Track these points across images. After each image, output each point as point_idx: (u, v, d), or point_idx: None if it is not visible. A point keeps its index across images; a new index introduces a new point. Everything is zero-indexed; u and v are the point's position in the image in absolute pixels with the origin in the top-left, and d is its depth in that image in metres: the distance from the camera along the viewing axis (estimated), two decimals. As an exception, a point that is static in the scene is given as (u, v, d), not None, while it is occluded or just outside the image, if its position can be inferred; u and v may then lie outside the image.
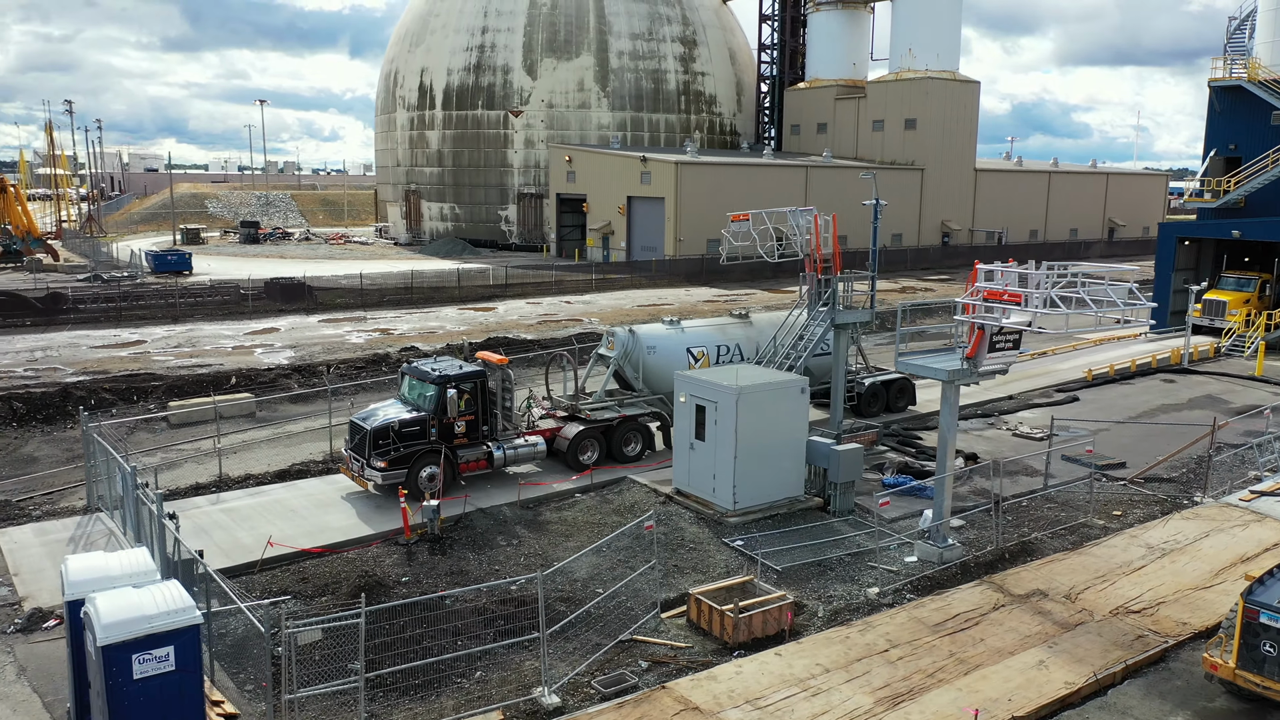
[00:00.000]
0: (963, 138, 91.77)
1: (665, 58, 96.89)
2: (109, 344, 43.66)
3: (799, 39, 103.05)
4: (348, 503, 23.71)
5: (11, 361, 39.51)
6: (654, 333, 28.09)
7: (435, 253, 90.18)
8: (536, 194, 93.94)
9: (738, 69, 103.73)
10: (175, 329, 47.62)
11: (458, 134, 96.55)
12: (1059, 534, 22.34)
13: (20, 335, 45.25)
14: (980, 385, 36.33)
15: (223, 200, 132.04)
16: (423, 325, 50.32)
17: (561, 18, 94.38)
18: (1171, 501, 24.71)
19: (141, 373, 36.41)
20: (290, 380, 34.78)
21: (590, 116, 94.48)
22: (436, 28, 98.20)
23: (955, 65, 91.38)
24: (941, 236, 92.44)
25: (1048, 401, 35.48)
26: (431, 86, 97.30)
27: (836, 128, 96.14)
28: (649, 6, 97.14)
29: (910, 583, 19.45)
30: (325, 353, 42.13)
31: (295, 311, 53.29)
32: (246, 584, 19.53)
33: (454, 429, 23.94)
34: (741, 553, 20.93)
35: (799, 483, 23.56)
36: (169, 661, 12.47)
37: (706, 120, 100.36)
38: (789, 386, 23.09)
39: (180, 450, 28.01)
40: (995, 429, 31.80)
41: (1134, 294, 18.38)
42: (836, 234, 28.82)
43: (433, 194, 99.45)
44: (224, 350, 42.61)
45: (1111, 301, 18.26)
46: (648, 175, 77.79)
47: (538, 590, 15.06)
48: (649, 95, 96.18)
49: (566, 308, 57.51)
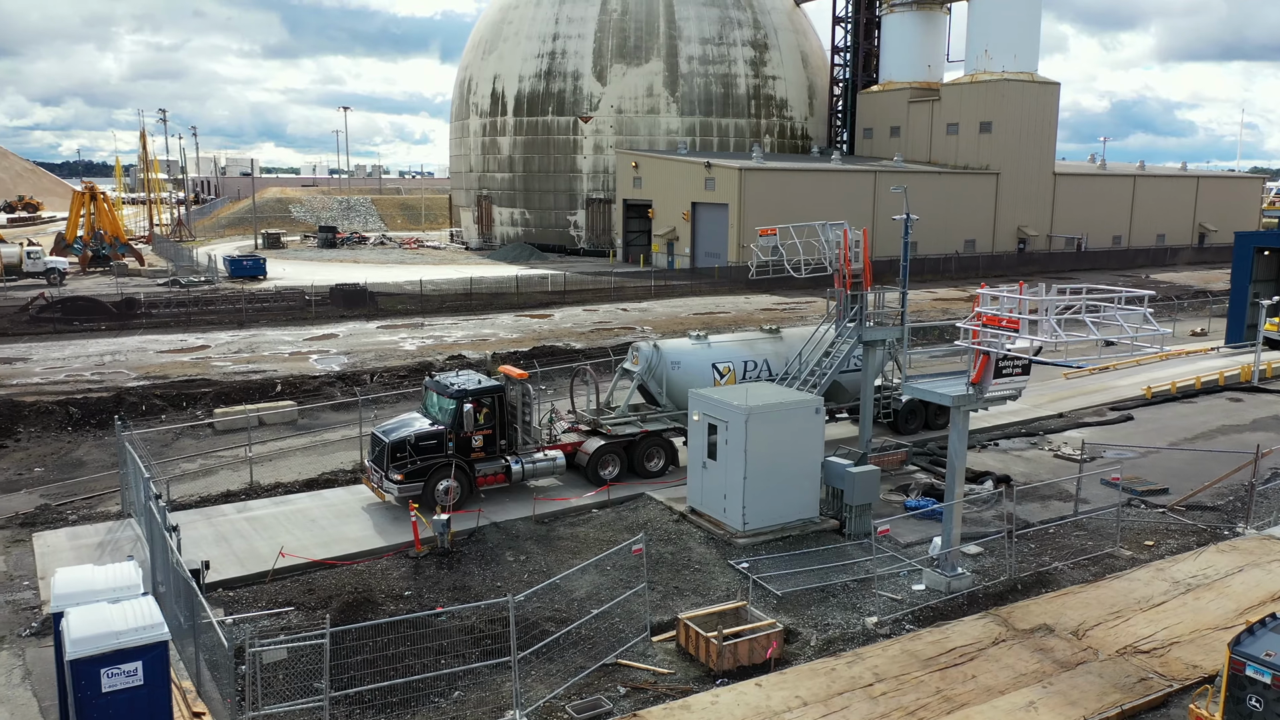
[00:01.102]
0: (1041, 141, 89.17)
1: (735, 62, 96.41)
2: (175, 349, 45.36)
3: (873, 41, 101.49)
4: (367, 514, 24.20)
5: (82, 365, 41.36)
6: (679, 348, 27.99)
7: (503, 257, 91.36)
8: (604, 199, 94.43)
9: (810, 72, 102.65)
10: (240, 334, 49.22)
11: (528, 140, 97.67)
12: (1081, 564, 21.55)
13: (95, 339, 47.31)
14: (1028, 402, 35.72)
15: (306, 205, 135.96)
16: (476, 333, 51.02)
17: (632, 23, 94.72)
18: (1210, 532, 23.62)
19: (197, 379, 37.72)
20: (334, 388, 35.62)
21: (659, 122, 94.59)
22: (509, 35, 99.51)
23: (1034, 66, 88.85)
24: (1017, 243, 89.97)
25: (1099, 420, 34.25)
26: (503, 93, 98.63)
27: (909, 131, 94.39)
28: (720, 11, 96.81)
29: (912, 612, 18.99)
30: (376, 360, 43.04)
31: (356, 317, 54.57)
32: (257, 593, 20.11)
33: (471, 443, 24.23)
34: (745, 575, 20.71)
35: (813, 504, 23.21)
36: (137, 676, 12.91)
37: (777, 124, 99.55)
38: (803, 407, 22.76)
39: (220, 457, 28.94)
40: (1038, 449, 30.81)
41: (1149, 320, 17.61)
42: (868, 248, 28.23)
43: (504, 199, 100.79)
44: (281, 356, 43.86)
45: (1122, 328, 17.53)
46: (712, 181, 77.53)
47: (509, 615, 15.14)
48: (718, 100, 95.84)
49: (622, 315, 57.66)
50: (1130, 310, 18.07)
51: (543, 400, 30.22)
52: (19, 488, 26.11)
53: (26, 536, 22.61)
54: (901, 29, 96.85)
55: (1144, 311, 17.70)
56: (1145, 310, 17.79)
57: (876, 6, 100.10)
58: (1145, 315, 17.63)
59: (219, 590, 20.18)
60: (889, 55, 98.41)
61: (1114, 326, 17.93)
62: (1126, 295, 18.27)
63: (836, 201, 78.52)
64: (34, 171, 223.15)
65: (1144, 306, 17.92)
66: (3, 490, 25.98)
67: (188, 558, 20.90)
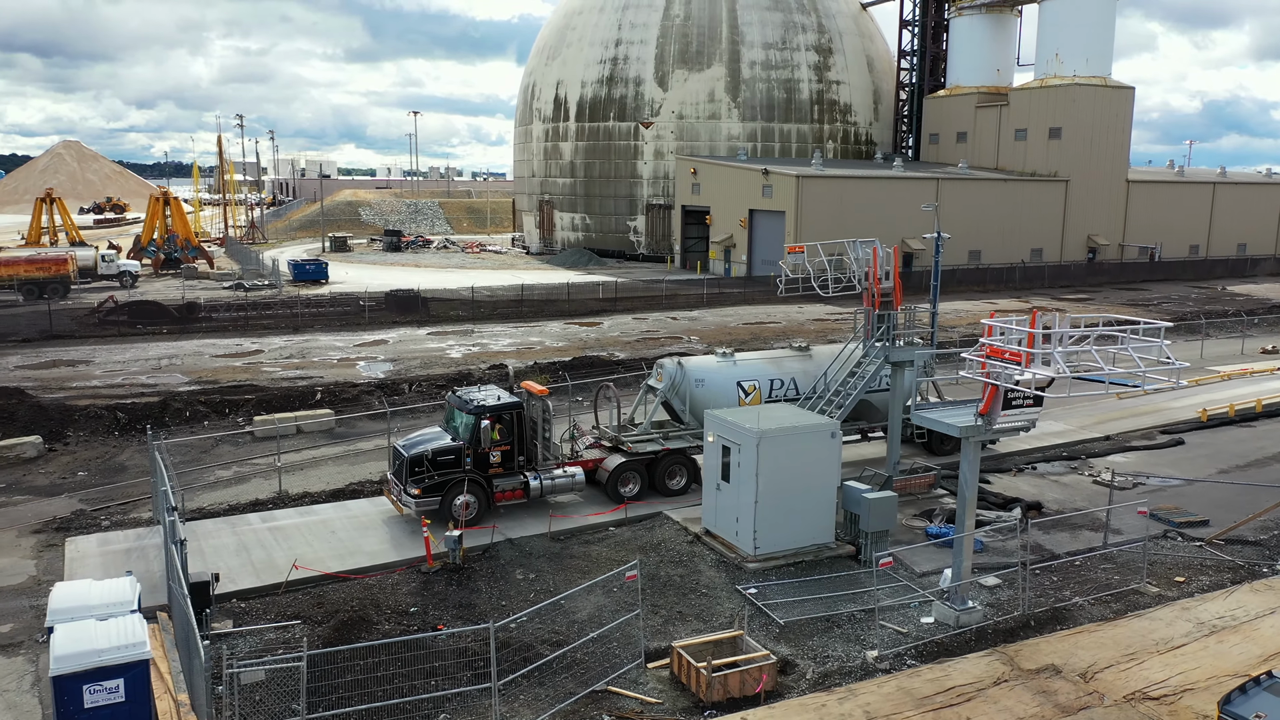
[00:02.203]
0: (1113, 147, 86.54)
1: (799, 66, 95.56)
2: (230, 353, 46.64)
3: (941, 45, 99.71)
4: (386, 527, 24.54)
5: (139, 368, 42.79)
6: (703, 365, 27.81)
7: (562, 263, 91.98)
8: (664, 205, 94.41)
9: (875, 77, 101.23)
10: (293, 339, 50.38)
11: (590, 145, 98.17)
12: (1103, 600, 20.82)
13: (156, 342, 48.90)
14: (1074, 423, 34.70)
15: (375, 208, 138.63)
16: (523, 341, 51.42)
17: (694, 29, 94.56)
18: (1248, 569, 22.62)
19: (245, 384, 38.73)
20: (372, 397, 36.22)
21: (720, 127, 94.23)
22: (572, 41, 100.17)
23: (1107, 70, 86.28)
24: (1087, 252, 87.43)
25: (1147, 445, 33.07)
26: (566, 99, 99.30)
27: (977, 137, 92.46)
28: (783, 15, 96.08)
29: (916, 647, 18.55)
30: (421, 367, 43.68)
31: (408, 323, 55.44)
32: (268, 605, 20.52)
33: (489, 459, 24.41)
34: (751, 602, 20.48)
35: (828, 530, 22.84)
36: (119, 693, 13.29)
37: (840, 130, 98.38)
38: (817, 431, 22.42)
39: (254, 465, 29.63)
40: (1077, 474, 29.85)
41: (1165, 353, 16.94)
42: (898, 266, 27.70)
43: (564, 204, 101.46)
44: (329, 362, 44.79)
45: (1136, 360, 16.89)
46: (769, 188, 76.95)
47: (490, 640, 15.20)
48: (780, 105, 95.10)
49: (671, 324, 57.57)
50: (1148, 342, 17.41)
51: (577, 412, 30.31)
52: (61, 492, 27.09)
53: (60, 541, 23.44)
54: (970, 32, 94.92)
55: (1161, 344, 17.01)
56: (1163, 342, 17.10)
57: (945, 10, 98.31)
58: (1162, 347, 16.94)
59: (233, 601, 20.66)
60: (957, 59, 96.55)
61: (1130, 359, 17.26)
62: (1145, 326, 17.59)
63: (897, 210, 77.36)
64: (121, 173, 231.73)
65: (1161, 339, 17.21)
66: (47, 494, 26.99)
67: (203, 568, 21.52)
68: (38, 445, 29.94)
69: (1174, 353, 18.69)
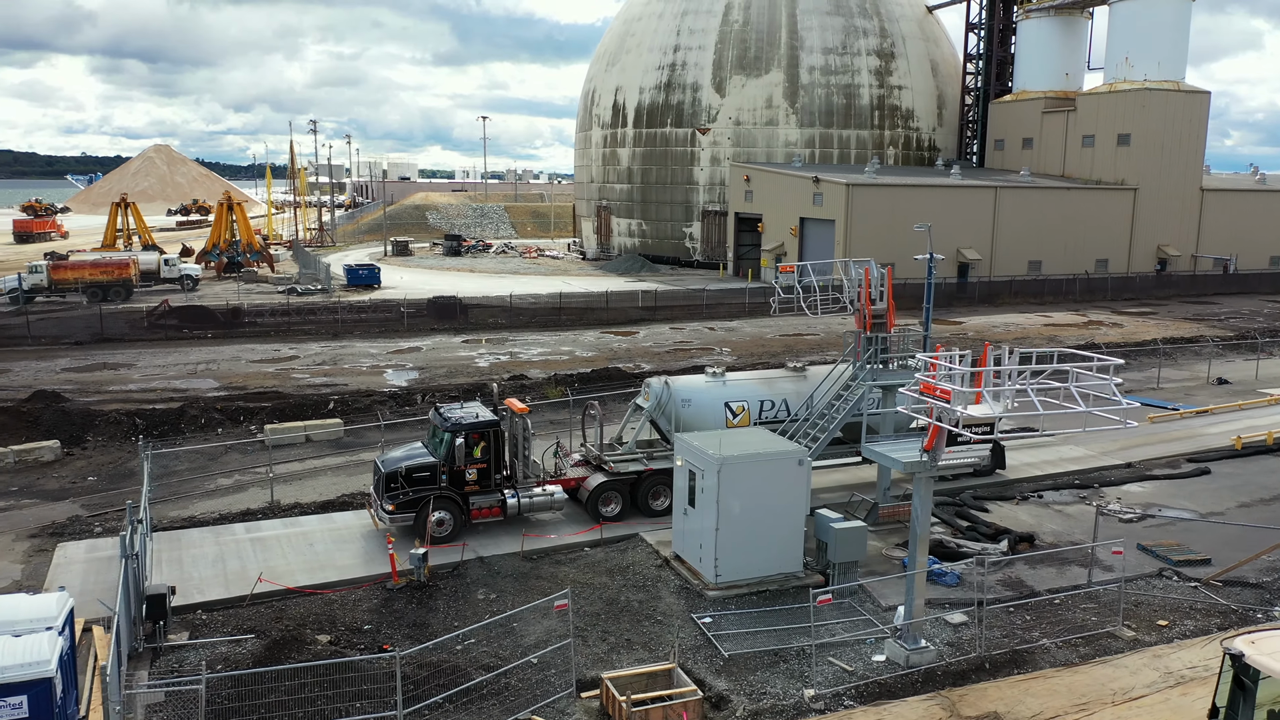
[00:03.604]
0: (1187, 154, 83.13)
1: (859, 71, 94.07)
2: (266, 358, 47.88)
3: (1008, 48, 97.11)
4: (364, 541, 24.86)
5: (176, 373, 44.22)
6: (690, 385, 27.53)
7: (615, 269, 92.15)
8: (719, 212, 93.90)
9: (939, 81, 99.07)
10: (330, 346, 51.47)
11: (647, 151, 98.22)
12: (1073, 643, 19.98)
13: (199, 347, 50.47)
14: (1096, 448, 33.38)
15: (441, 211, 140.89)
16: (555, 350, 51.65)
17: (753, 34, 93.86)
18: (1240, 614, 21.47)
19: (270, 390, 39.71)
20: (385, 406, 36.75)
21: (777, 133, 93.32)
22: (631, 47, 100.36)
23: (1180, 74, 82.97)
24: (1156, 263, 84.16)
25: (1169, 474, 31.64)
26: (624, 105, 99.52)
27: (1042, 143, 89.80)
28: (844, 20, 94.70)
29: (857, 687, 18.06)
30: (446, 376, 44.20)
31: (445, 330, 56.17)
32: (229, 617, 20.97)
33: (465, 476, 24.55)
34: (702, 631, 20.20)
35: (796, 559, 22.40)
36: (23, 709, 13.68)
37: (902, 136, 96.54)
38: (783, 458, 22.00)
39: (256, 473, 30.31)
40: (1085, 504, 28.67)
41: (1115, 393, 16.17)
42: (891, 287, 27.02)
43: (622, 210, 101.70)
44: (359, 370, 45.63)
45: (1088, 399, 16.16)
46: (819, 196, 75.94)
47: (396, 669, 15.26)
48: (840, 111, 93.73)
49: (707, 335, 57.21)
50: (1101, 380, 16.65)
51: (587, 426, 30.09)
52: (67, 496, 28.14)
53: (52, 546, 24.32)
54: (1038, 35, 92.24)
55: (1111, 382, 16.24)
56: (1113, 381, 16.32)
57: (1013, 12, 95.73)
58: (1112, 386, 16.17)
59: (197, 612, 21.18)
60: (1024, 63, 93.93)
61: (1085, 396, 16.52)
62: (1098, 364, 16.83)
63: (952, 218, 75.62)
64: (208, 176, 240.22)
65: (1112, 377, 16.43)
66: (54, 498, 28.05)
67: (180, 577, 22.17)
68: (55, 449, 31.15)
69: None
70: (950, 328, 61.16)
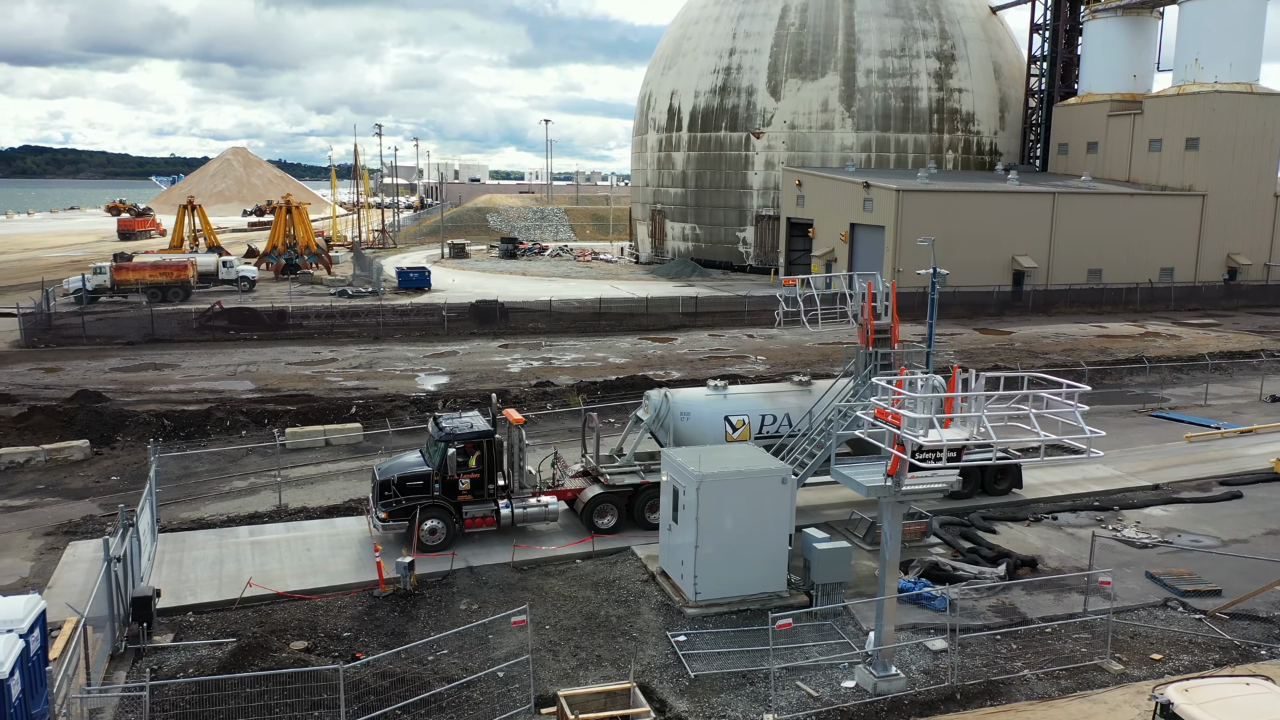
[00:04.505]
0: (1259, 159, 79.89)
1: (918, 74, 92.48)
2: (305, 360, 48.96)
3: (1074, 50, 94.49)
4: (360, 547, 25.24)
5: (216, 374, 45.49)
6: (689, 398, 27.37)
7: (666, 273, 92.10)
8: (773, 216, 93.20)
9: (1002, 84, 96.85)
10: (369, 349, 52.42)
11: (701, 155, 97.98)
12: (1055, 676, 19.34)
13: (243, 349, 51.86)
14: (1124, 468, 32.28)
15: (502, 214, 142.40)
16: (589, 355, 51.83)
17: (809, 37, 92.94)
18: (1241, 650, 20.55)
19: (300, 393, 40.61)
20: (405, 412, 37.29)
21: (833, 137, 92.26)
22: (687, 50, 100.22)
23: (1254, 76, 79.78)
24: (1225, 272, 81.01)
25: (1196, 497, 30.41)
26: (679, 108, 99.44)
27: (1108, 147, 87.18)
28: (903, 22, 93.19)
29: (820, 713, 17.75)
30: (477, 380, 44.67)
31: (484, 335, 56.77)
32: (216, 620, 21.49)
33: (458, 486, 24.78)
34: (674, 649, 20.06)
35: (779, 578, 22.12)
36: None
37: (962, 140, 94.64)
38: (766, 476, 21.74)
39: (270, 476, 30.98)
40: (1101, 527, 27.73)
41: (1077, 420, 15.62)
42: (896, 301, 26.49)
43: (676, 214, 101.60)
44: (392, 374, 46.38)
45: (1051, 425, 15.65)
46: (870, 201, 74.84)
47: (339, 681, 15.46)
48: (897, 114, 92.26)
49: (745, 342, 56.82)
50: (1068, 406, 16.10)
51: (603, 436, 30.08)
52: (89, 495, 29.14)
53: (64, 544, 25.21)
54: (1105, 36, 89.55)
55: (1076, 410, 15.69)
56: (1078, 408, 15.76)
57: (1079, 12, 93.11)
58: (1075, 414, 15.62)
59: (189, 614, 21.76)
60: (1090, 64, 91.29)
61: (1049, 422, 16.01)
62: (1067, 389, 16.28)
63: (1008, 225, 73.96)
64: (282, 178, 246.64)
65: (1076, 404, 15.87)
66: (76, 497, 29.08)
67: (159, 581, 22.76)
68: (85, 449, 32.29)
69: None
70: (997, 338, 59.76)
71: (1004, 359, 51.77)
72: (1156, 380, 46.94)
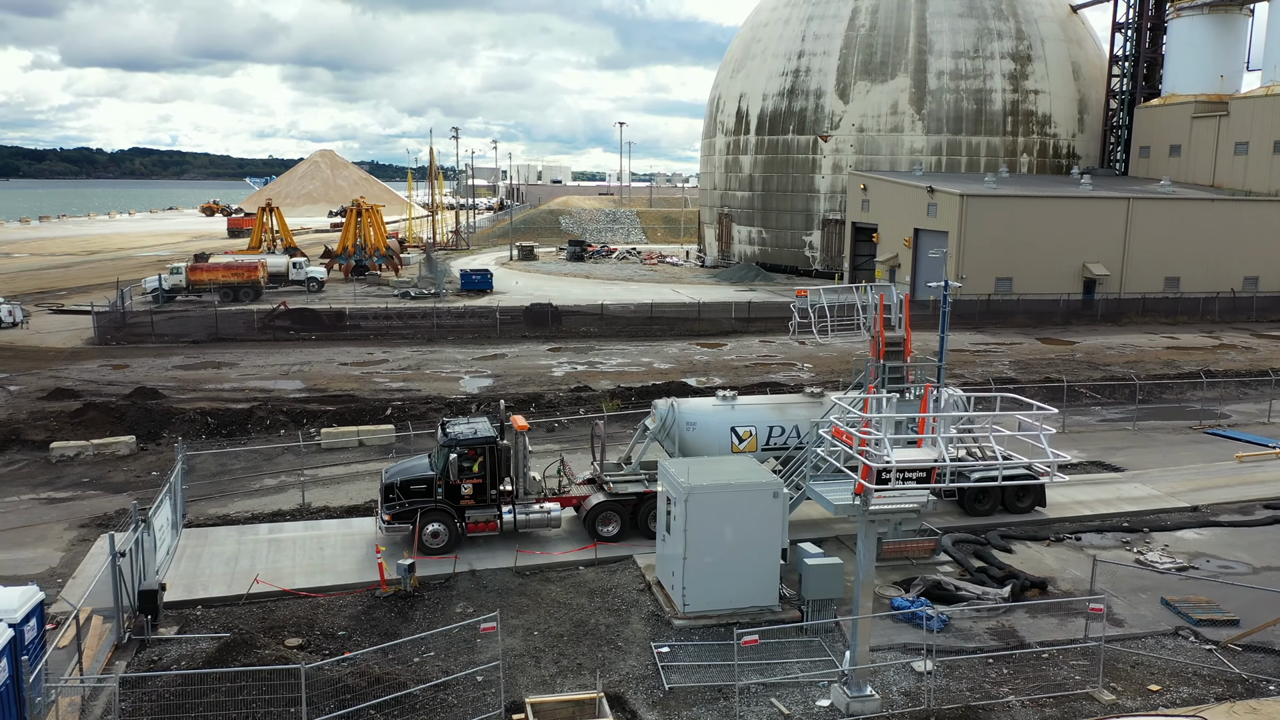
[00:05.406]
0: (1355, 163, 75.85)
1: (991, 76, 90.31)
2: (356, 361, 50.27)
3: (1158, 49, 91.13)
4: (370, 547, 25.85)
5: (270, 373, 47.04)
6: (696, 408, 27.33)
7: (729, 278, 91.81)
8: (840, 220, 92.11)
9: (1081, 85, 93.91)
10: (420, 350, 53.54)
11: (768, 158, 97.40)
12: (1041, 704, 18.81)
13: (300, 348, 53.48)
14: (1163, 488, 31.12)
15: (574, 216, 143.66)
16: (635, 360, 52.04)
17: (879, 39, 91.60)
18: (1249, 684, 19.66)
19: (344, 394, 41.75)
20: (439, 414, 38.00)
21: (902, 140, 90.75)
22: (757, 53, 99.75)
23: (1350, 75, 75.80)
24: (1315, 281, 77.13)
25: (1236, 520, 29.13)
26: (747, 111, 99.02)
27: (1191, 150, 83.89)
28: (977, 22, 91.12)
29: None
30: (518, 384, 45.27)
31: (535, 338, 57.43)
32: (221, 615, 22.31)
33: (460, 490, 25.22)
34: (655, 660, 20.10)
35: (770, 592, 21.98)
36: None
37: (1037, 142, 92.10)
38: (756, 489, 21.62)
39: (300, 475, 31.94)
40: (1125, 549, 26.81)
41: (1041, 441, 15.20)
42: (909, 313, 26.04)
43: (742, 217, 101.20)
44: (439, 375, 47.33)
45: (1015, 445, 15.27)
46: (934, 206, 73.41)
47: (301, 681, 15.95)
48: (969, 117, 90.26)
49: (795, 349, 56.28)
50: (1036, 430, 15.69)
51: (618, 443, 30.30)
52: (128, 489, 30.45)
53: (95, 536, 26.44)
54: (1190, 34, 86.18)
55: (1042, 432, 15.27)
56: (1044, 430, 15.33)
57: (1164, 10, 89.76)
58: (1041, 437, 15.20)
59: (197, 608, 22.64)
60: (1174, 64, 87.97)
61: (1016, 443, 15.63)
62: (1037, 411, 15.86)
63: (1079, 231, 71.77)
64: (367, 180, 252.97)
65: (1042, 426, 15.44)
66: (116, 490, 30.46)
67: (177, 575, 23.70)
68: (131, 445, 33.78)
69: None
70: (1059, 349, 58.07)
71: (1061, 370, 50.27)
72: (1220, 395, 45.06)
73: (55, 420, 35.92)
